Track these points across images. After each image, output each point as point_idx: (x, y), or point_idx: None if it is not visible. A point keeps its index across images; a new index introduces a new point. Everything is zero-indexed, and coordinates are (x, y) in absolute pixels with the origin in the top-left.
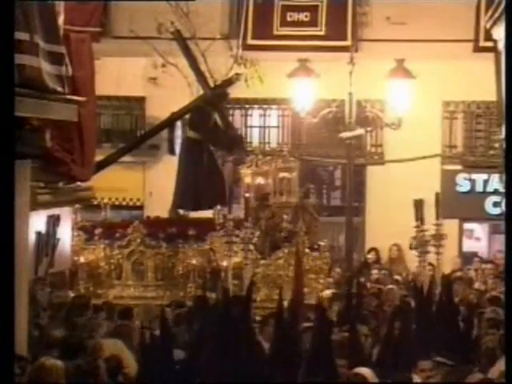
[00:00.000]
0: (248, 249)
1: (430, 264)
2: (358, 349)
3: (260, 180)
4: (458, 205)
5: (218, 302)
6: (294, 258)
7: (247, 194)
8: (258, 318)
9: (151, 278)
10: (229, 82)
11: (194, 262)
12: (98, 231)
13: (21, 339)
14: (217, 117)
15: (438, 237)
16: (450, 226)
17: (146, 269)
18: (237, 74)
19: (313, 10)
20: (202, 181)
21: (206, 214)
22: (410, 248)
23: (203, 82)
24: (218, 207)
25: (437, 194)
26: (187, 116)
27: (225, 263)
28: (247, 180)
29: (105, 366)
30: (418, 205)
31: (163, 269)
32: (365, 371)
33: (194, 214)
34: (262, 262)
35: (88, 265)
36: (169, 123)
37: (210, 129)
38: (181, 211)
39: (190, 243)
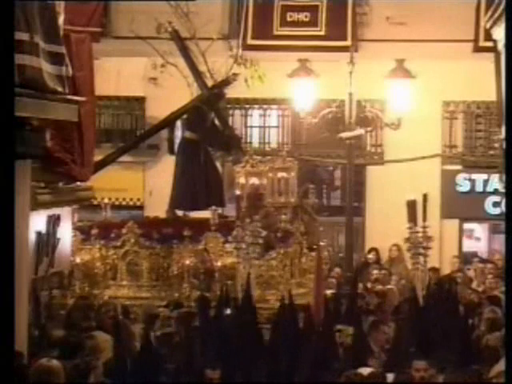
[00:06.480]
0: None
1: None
2: (359, 348)
3: (254, 180)
4: (458, 205)
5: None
6: (289, 259)
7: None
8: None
9: (146, 279)
10: (226, 82)
11: (188, 262)
12: (94, 231)
13: (21, 339)
14: (214, 117)
15: (427, 239)
16: (450, 225)
17: (141, 269)
18: (234, 74)
19: (313, 9)
20: (199, 181)
21: (203, 214)
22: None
23: (200, 81)
24: (213, 207)
25: (424, 195)
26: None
27: (219, 263)
28: (241, 180)
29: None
30: (411, 206)
31: (158, 269)
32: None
33: (191, 215)
34: (255, 262)
35: (84, 265)
36: (166, 124)
37: (207, 129)
38: (179, 212)
39: (185, 243)
